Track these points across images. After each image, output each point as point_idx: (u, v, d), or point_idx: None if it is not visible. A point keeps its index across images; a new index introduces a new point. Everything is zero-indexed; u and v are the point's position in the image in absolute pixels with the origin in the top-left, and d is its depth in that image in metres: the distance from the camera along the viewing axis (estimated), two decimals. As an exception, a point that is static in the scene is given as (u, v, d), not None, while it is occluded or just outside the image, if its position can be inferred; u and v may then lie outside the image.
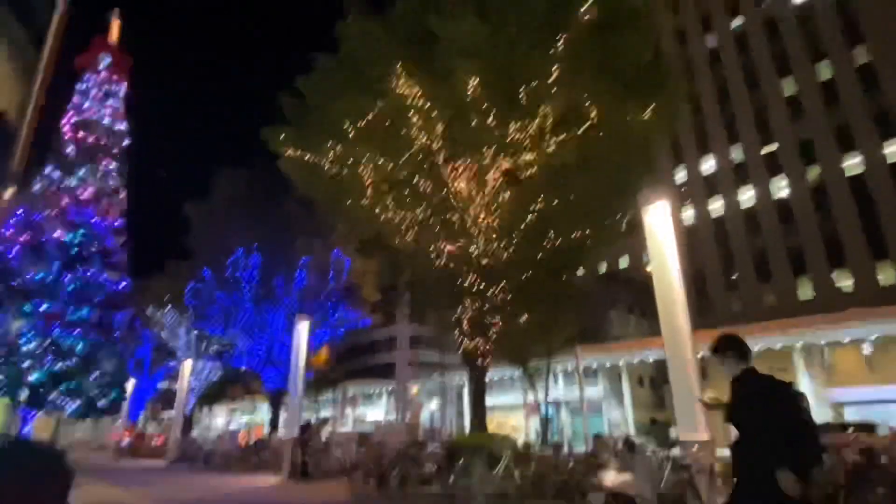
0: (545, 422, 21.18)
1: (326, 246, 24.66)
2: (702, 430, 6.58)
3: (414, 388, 34.50)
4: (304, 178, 14.45)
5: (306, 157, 13.57)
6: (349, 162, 13.03)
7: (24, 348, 6.51)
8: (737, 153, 35.94)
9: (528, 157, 11.94)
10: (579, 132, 11.54)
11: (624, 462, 7.12)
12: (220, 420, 55.58)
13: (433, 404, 39.10)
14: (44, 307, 6.63)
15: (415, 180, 12.67)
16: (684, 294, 7.03)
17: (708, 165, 37.20)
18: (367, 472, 10.67)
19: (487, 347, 13.48)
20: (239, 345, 26.33)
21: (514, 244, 12.66)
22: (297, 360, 15.23)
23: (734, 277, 34.05)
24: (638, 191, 8.08)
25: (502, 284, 13.15)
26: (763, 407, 3.13)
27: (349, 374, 44.74)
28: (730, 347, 3.41)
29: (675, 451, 7.41)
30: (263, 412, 38.82)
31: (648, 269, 7.62)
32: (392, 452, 11.10)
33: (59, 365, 6.68)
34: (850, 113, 30.80)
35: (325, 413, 37.85)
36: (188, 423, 34.45)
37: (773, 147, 34.07)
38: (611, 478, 6.37)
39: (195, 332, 30.03)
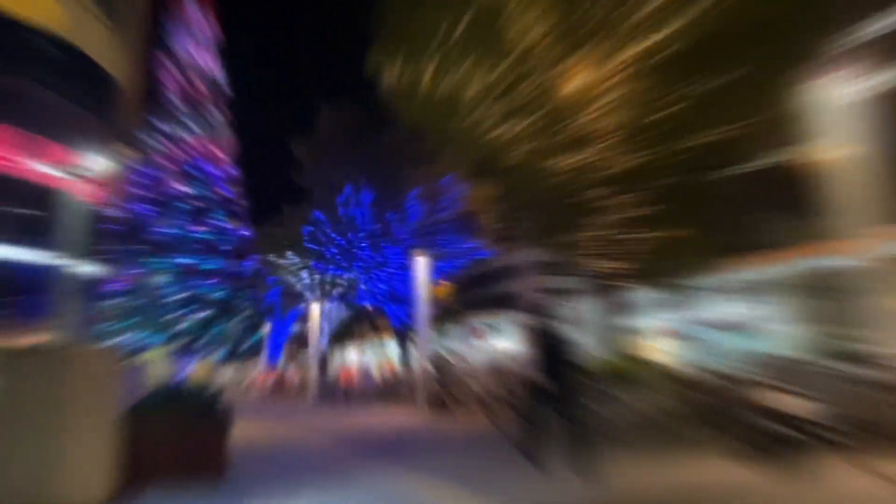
0: (694, 344, 20.42)
1: (437, 175, 24.92)
2: (902, 343, 5.92)
3: (543, 314, 34.74)
4: (405, 102, 14.47)
5: (404, 79, 13.51)
6: (449, 78, 12.76)
7: (170, 300, 7.49)
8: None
9: (663, 33, 10.63)
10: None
11: (794, 383, 6.68)
12: (352, 358, 60.95)
13: (566, 330, 39.31)
14: (179, 260, 7.52)
15: (522, 87, 12.11)
16: (870, 185, 6.15)
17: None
18: (502, 401, 11.11)
19: (620, 268, 13.07)
20: (360, 284, 28.17)
21: (644, 148, 11.71)
22: (420, 295, 16.01)
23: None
24: (808, 60, 6.97)
25: (633, 196, 12.46)
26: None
27: (474, 306, 46.24)
28: None
29: (861, 369, 6.77)
30: (392, 348, 41.87)
31: (821, 158, 6.75)
32: (526, 381, 11.39)
33: (203, 314, 7.62)
34: None
35: (453, 345, 39.81)
36: (324, 361, 38.28)
37: None
38: (780, 400, 6.01)
39: (317, 274, 32.63)
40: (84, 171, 8.50)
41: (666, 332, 26.59)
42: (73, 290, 7.89)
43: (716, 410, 8.55)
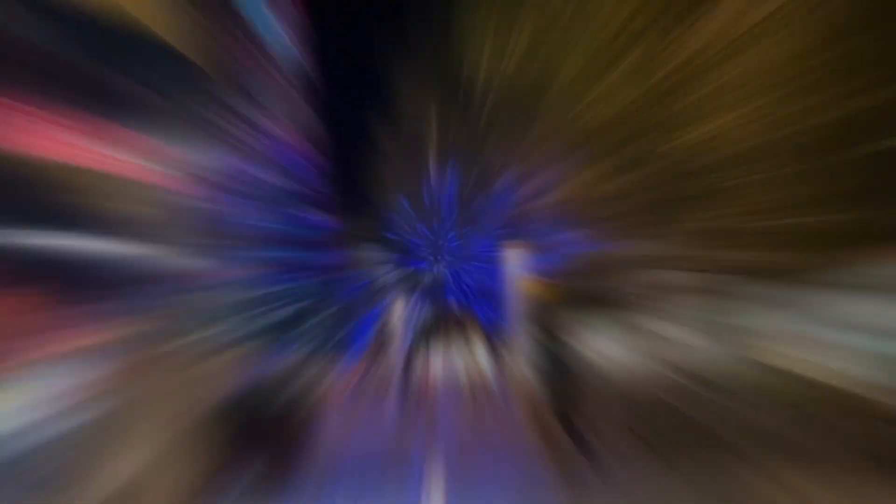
0: (838, 351, 18.93)
1: (532, 159, 24.62)
2: None
3: (654, 315, 33.67)
4: (494, 77, 14.39)
5: (493, 53, 13.43)
6: (545, 45, 12.56)
7: (258, 294, 7.88)
8: None
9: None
10: None
11: None
12: (437, 358, 61.85)
13: (680, 333, 37.83)
14: (268, 253, 7.89)
15: (637, 46, 11.66)
16: None
17: None
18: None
19: (751, 261, 12.44)
20: (447, 279, 28.38)
21: (801, 108, 10.73)
22: (513, 292, 15.89)
23: None
24: None
25: (771, 175, 11.72)
26: None
27: (574, 304, 45.48)
28: None
29: None
30: (480, 350, 42.01)
31: None
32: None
33: (290, 309, 7.96)
34: None
35: (549, 348, 39.34)
36: (407, 362, 38.98)
37: None
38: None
39: (400, 268, 33.20)
40: (173, 165, 9.07)
41: (802, 336, 24.87)
42: (166, 285, 8.47)
43: (857, 426, 7.98)
